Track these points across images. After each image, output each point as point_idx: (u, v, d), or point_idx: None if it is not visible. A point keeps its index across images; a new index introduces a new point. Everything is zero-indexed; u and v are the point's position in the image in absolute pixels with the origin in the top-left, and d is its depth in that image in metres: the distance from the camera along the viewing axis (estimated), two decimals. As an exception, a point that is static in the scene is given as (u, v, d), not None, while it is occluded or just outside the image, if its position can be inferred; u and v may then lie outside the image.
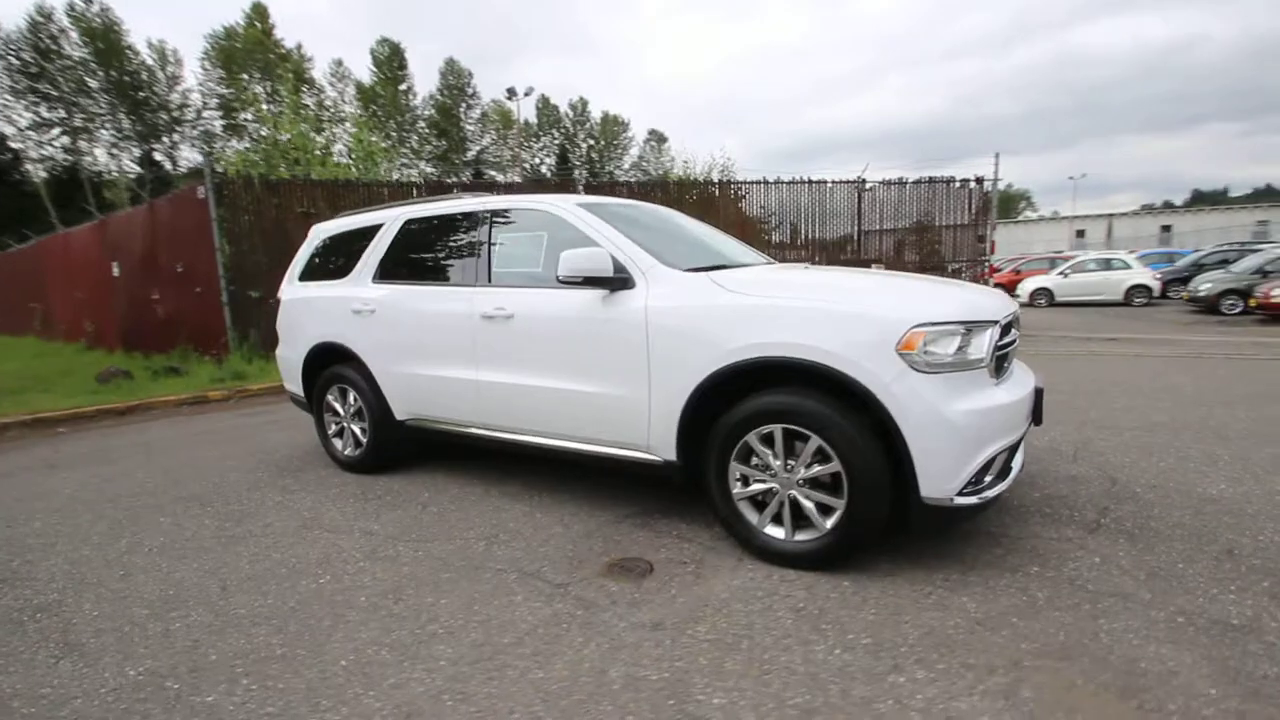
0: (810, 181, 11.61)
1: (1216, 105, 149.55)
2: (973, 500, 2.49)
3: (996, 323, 2.61)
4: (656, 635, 2.28)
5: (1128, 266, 18.32)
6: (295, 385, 4.76)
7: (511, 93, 28.64)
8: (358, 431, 4.31)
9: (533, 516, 3.44)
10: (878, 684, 1.98)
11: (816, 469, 2.63)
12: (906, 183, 11.86)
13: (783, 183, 11.56)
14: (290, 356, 4.72)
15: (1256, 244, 20.92)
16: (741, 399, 2.78)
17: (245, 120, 35.57)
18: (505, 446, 3.68)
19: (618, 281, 3.06)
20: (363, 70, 42.48)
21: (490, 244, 3.65)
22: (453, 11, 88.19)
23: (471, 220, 3.78)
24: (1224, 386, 6.17)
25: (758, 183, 11.55)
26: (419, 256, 4.05)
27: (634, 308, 3.01)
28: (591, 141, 57.74)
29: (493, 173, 43.80)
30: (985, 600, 2.43)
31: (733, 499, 2.84)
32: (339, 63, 43.06)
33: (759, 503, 2.83)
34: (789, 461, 2.69)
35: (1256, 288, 12.77)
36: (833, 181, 11.69)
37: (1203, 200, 69.06)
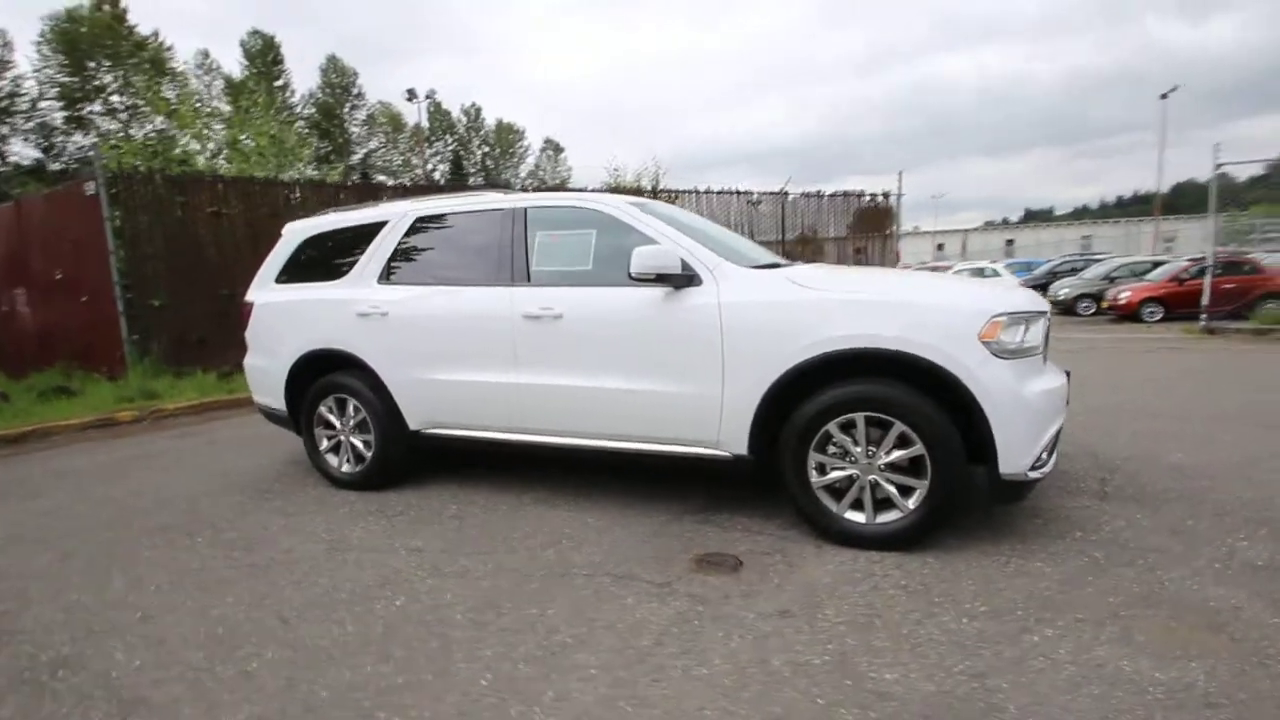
0: (739, 192, 12.10)
1: (1042, 133, 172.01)
2: (1038, 475, 2.74)
3: (1046, 314, 2.89)
4: (791, 623, 2.31)
5: (999, 275, 20.59)
6: (272, 398, 4.30)
7: (411, 94, 27.43)
8: (360, 445, 3.98)
9: (583, 521, 3.34)
10: (1018, 645, 2.13)
11: (897, 454, 2.78)
12: (824, 195, 12.67)
13: (713, 192, 11.96)
14: (267, 366, 4.27)
15: (1098, 255, 24.22)
16: (815, 391, 2.88)
17: (93, 113, 31.40)
18: (541, 451, 3.55)
19: (684, 279, 3.07)
20: (233, 64, 38.89)
21: (527, 242, 3.52)
22: (327, 7, 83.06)
23: (501, 217, 3.62)
24: (1126, 373, 7.14)
25: (690, 191, 11.87)
26: (436, 256, 3.82)
27: (704, 304, 3.03)
28: (486, 149, 56.47)
29: (382, 177, 41.51)
30: (1056, 564, 2.68)
31: (811, 488, 2.93)
32: (205, 54, 39.21)
33: (835, 490, 2.94)
34: (870, 448, 2.82)
35: (1106, 292, 14.87)
36: (759, 193, 12.26)
37: (1033, 218, 79.01)
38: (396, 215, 3.96)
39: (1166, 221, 41.08)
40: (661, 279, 3.04)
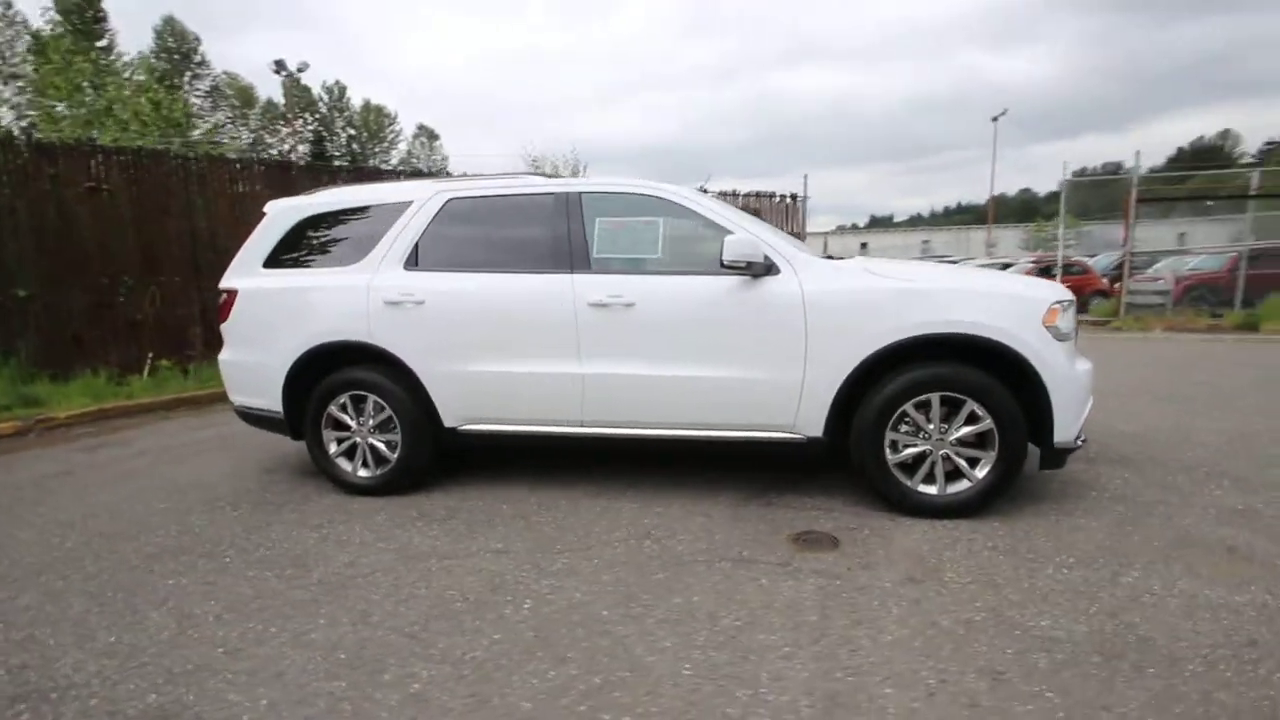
0: (662, 188, 12.27)
1: (879, 148, 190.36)
2: (1081, 443, 3.14)
3: (1074, 302, 3.31)
4: (926, 588, 2.48)
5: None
6: (261, 398, 3.81)
7: (280, 66, 24.74)
8: (382, 446, 3.64)
9: (654, 512, 3.32)
10: (1120, 586, 2.45)
11: (965, 429, 3.05)
12: (740, 195, 13.22)
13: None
14: (257, 362, 3.77)
15: (948, 257, 27.26)
16: (885, 375, 3.09)
17: None
18: (598, 443, 3.48)
19: (764, 268, 3.15)
20: (47, 19, 32.65)
21: (585, 229, 3.41)
22: (151, -42, 72.40)
23: (552, 202, 3.48)
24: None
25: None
26: (476, 240, 3.58)
27: (786, 292, 3.13)
28: (353, 131, 52.42)
29: (232, 156, 37.03)
30: (1096, 518, 3.09)
31: (888, 465, 3.13)
32: (7, 5, 32.59)
33: (905, 466, 3.16)
34: (943, 425, 3.07)
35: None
36: (680, 189, 12.51)
37: (877, 223, 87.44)
38: (423, 196, 3.66)
39: (991, 228, 47.50)
40: (748, 267, 3.10)
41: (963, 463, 3.09)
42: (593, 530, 3.12)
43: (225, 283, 3.91)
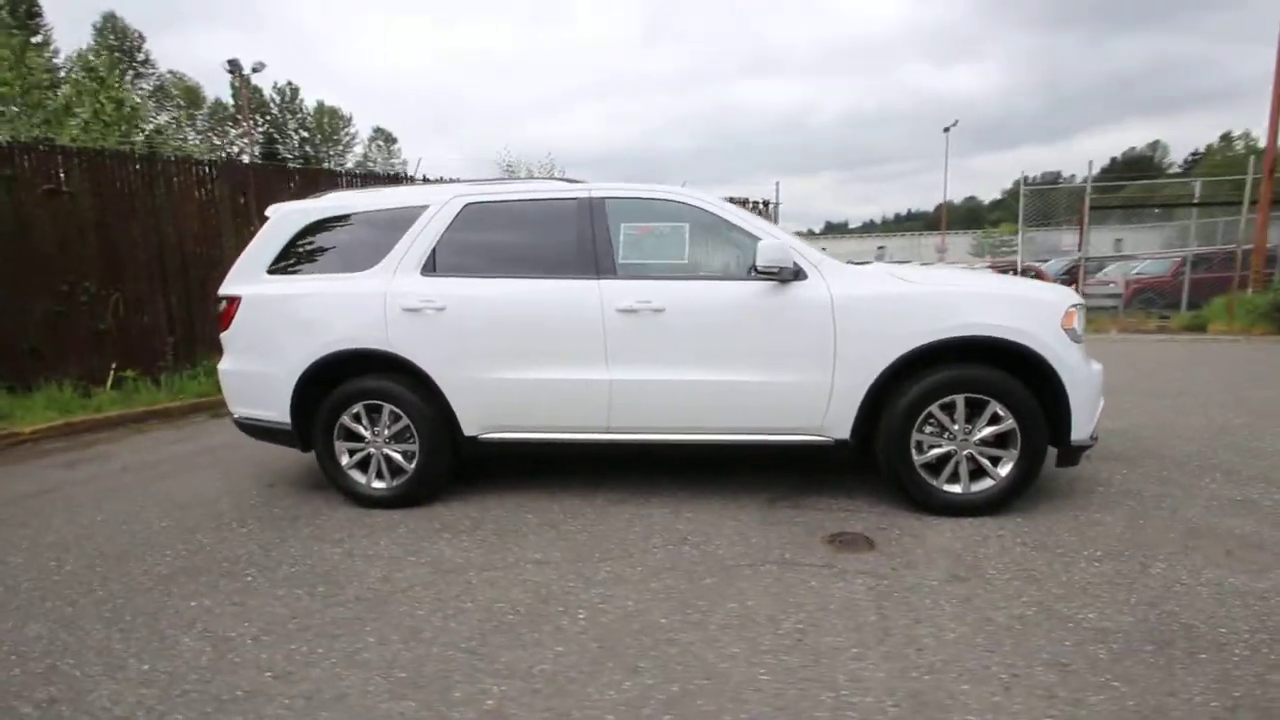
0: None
1: (831, 158, 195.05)
2: (1095, 441, 3.27)
3: (1084, 306, 3.45)
4: (971, 585, 2.54)
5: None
6: (267, 409, 3.65)
7: (233, 66, 23.88)
8: (399, 457, 3.54)
9: (684, 517, 3.31)
10: (1151, 576, 2.56)
11: (988, 429, 3.15)
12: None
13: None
14: (265, 372, 3.62)
15: (908, 260, 28.09)
16: (909, 378, 3.17)
17: None
18: (623, 449, 3.46)
19: (792, 273, 3.19)
20: None
21: (609, 234, 3.39)
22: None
23: (575, 207, 3.45)
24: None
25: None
26: (495, 245, 3.52)
27: (815, 297, 3.17)
28: (305, 133, 50.99)
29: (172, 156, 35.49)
30: (1109, 511, 3.22)
31: (914, 465, 3.20)
32: None
33: (929, 466, 3.24)
34: (967, 426, 3.16)
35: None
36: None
37: (833, 229, 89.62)
38: (439, 200, 3.58)
39: (938, 235, 49.42)
40: (779, 272, 3.13)
41: (986, 462, 3.18)
42: (628, 537, 3.09)
43: (226, 289, 3.75)
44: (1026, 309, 3.12)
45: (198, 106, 42.56)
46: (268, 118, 48.57)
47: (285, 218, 3.76)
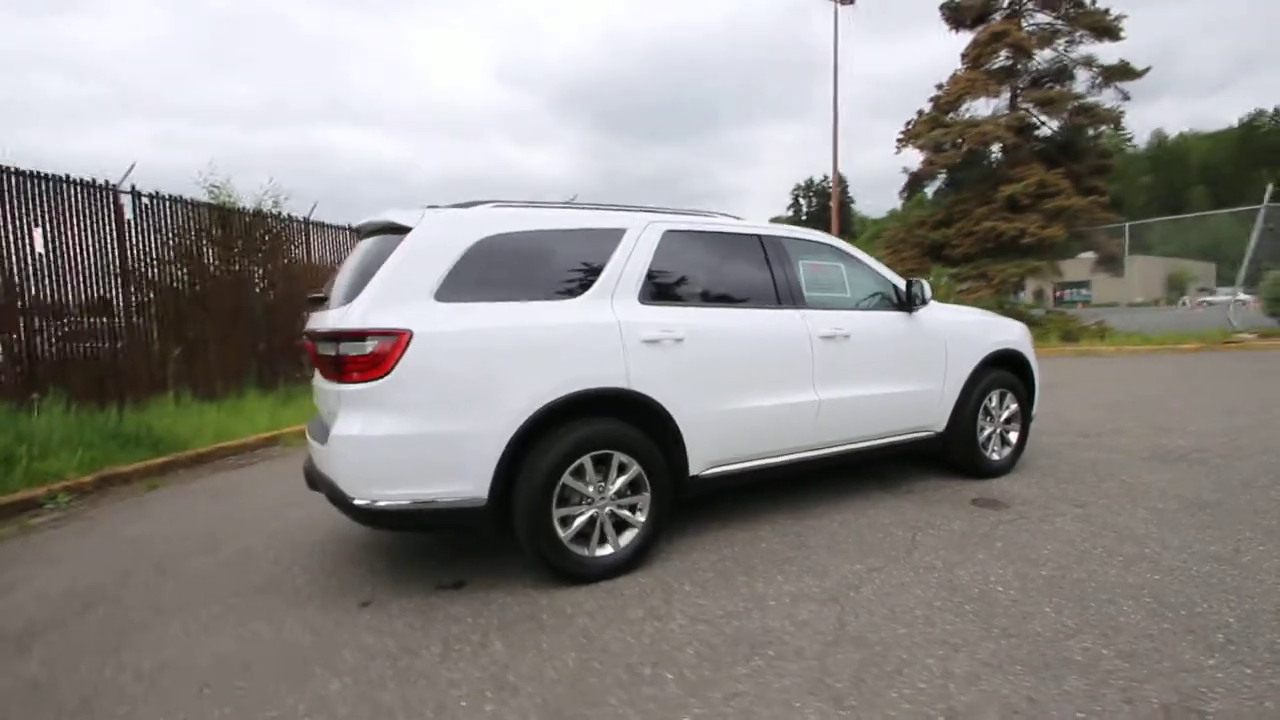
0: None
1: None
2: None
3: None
4: (1065, 523, 3.67)
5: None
6: (463, 483, 2.70)
7: None
8: (626, 515, 3.06)
9: (880, 511, 3.80)
10: (1180, 533, 4.24)
11: (1006, 413, 4.58)
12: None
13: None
14: (458, 432, 2.67)
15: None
16: (976, 378, 4.38)
17: None
18: (804, 467, 3.73)
19: (923, 302, 4.09)
20: None
21: (796, 269, 3.70)
22: None
23: (766, 243, 3.68)
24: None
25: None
26: (697, 275, 3.41)
27: (934, 320, 4.14)
28: None
29: None
30: (1086, 504, 4.97)
31: (977, 440, 4.39)
32: None
33: (986, 441, 4.47)
34: (1000, 410, 4.52)
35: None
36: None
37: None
38: (637, 225, 3.27)
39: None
40: (923, 304, 4.00)
41: (1013, 438, 4.58)
42: (873, 538, 3.43)
43: (382, 320, 2.60)
44: (1016, 331, 4.67)
45: None
46: None
47: (448, 229, 2.85)
